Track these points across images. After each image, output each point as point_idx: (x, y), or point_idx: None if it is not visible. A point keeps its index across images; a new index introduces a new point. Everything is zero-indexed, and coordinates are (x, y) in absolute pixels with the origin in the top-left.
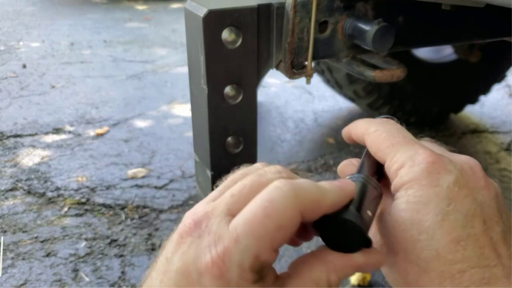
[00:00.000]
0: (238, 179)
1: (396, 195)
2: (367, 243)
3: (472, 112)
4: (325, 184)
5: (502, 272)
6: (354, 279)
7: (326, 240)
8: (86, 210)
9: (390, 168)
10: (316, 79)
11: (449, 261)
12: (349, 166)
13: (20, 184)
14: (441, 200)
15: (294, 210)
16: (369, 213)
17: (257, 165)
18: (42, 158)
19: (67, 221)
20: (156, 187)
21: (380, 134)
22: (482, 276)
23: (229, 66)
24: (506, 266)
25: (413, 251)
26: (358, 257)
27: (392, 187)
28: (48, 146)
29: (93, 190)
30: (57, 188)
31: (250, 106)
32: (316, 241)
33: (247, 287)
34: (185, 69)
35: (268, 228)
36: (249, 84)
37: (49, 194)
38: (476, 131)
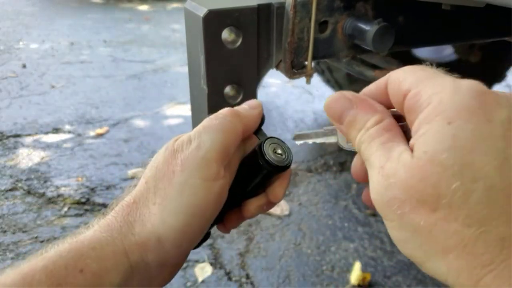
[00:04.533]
0: None
1: (427, 127)
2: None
3: None
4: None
5: None
6: (354, 279)
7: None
8: (86, 210)
9: (422, 94)
10: (316, 79)
11: None
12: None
13: (20, 184)
14: (498, 139)
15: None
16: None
17: None
18: (42, 158)
19: (67, 221)
20: None
21: (416, 67)
22: None
23: (229, 66)
24: None
25: (464, 206)
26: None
27: (423, 115)
28: (48, 146)
29: (93, 190)
30: (57, 188)
31: None
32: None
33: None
34: (185, 69)
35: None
36: (249, 84)
37: (49, 194)
38: None
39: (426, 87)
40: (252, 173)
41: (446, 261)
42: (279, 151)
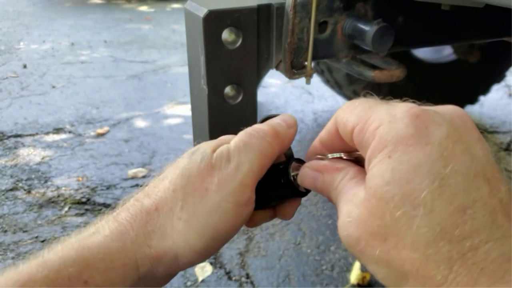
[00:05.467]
0: None
1: (374, 162)
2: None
3: (472, 112)
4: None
5: None
6: (354, 278)
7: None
8: (87, 210)
9: (365, 131)
10: (316, 79)
11: (456, 237)
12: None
13: (20, 184)
14: (435, 161)
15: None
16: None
17: None
18: (43, 158)
19: (68, 221)
20: None
21: (353, 104)
22: (500, 252)
23: (229, 66)
24: None
25: (409, 232)
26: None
27: (369, 152)
28: (48, 146)
29: (93, 190)
30: (58, 188)
31: (250, 106)
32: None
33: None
34: (185, 69)
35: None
36: (249, 84)
37: (50, 194)
38: None
39: (367, 123)
40: (270, 189)
41: (409, 286)
42: None
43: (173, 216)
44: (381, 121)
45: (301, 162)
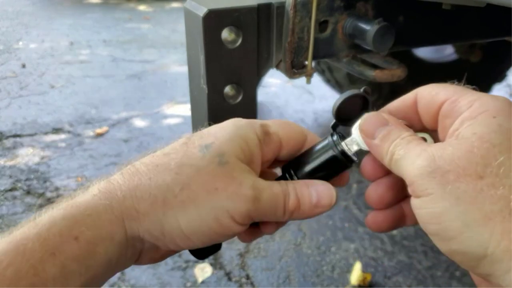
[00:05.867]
0: None
1: (474, 120)
2: None
3: None
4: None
5: None
6: (354, 279)
7: None
8: None
9: (460, 101)
10: (316, 78)
11: None
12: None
13: (19, 184)
14: None
15: None
16: None
17: None
18: (42, 158)
19: None
20: None
21: (443, 84)
22: None
23: (229, 66)
24: None
25: (511, 175)
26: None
27: (466, 114)
28: (47, 146)
29: None
30: (57, 188)
31: (250, 106)
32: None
33: None
34: (184, 69)
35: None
36: (249, 84)
37: (49, 194)
38: None
39: (463, 96)
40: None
41: (489, 227)
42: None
43: (168, 192)
44: (480, 96)
45: (342, 137)
